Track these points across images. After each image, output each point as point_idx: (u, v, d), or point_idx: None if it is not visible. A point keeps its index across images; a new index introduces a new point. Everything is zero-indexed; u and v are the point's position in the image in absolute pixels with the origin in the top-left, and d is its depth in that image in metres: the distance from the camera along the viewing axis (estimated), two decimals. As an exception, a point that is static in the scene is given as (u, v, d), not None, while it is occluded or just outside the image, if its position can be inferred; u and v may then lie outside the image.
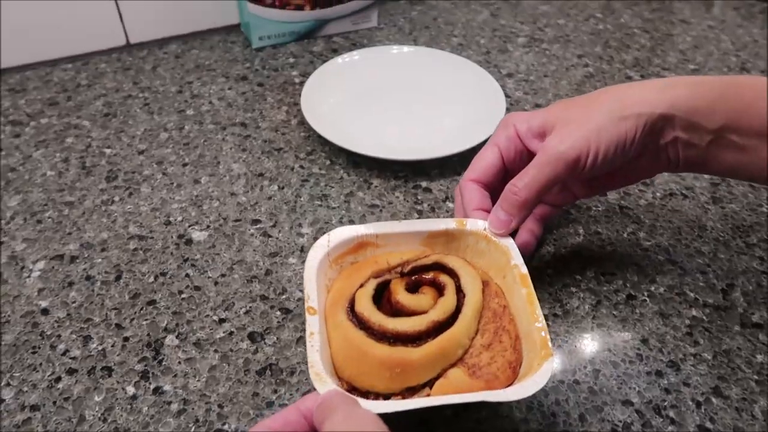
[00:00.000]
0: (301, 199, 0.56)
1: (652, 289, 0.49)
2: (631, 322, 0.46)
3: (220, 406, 0.40)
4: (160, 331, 0.45)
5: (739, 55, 0.76)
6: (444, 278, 0.41)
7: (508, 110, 0.65)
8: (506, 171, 0.45)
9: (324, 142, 0.60)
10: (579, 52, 0.77)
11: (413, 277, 0.42)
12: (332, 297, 0.41)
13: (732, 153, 0.42)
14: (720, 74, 0.73)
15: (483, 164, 0.45)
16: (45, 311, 0.46)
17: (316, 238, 0.47)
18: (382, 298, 0.41)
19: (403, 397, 0.37)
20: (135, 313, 0.46)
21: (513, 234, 0.43)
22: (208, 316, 0.46)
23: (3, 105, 0.66)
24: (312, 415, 0.31)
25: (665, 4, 0.87)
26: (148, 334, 0.45)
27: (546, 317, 0.46)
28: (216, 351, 0.44)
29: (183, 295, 0.47)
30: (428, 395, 0.37)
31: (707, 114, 0.41)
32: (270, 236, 0.52)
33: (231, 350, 0.44)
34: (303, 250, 0.51)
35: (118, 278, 0.49)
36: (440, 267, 0.42)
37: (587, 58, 0.76)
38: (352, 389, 0.37)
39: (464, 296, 0.40)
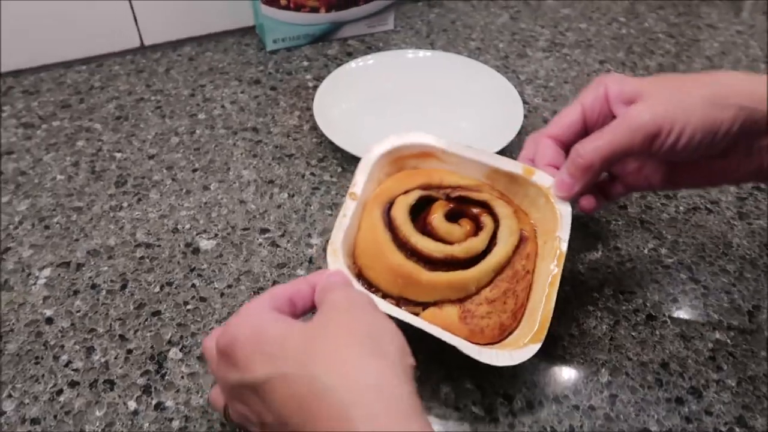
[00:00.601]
0: (311, 207, 0.54)
1: (674, 309, 0.47)
2: (651, 344, 0.44)
3: (222, 425, 0.39)
4: (164, 344, 0.44)
5: (769, 62, 0.74)
6: (486, 219, 0.42)
7: (526, 117, 0.63)
8: (586, 132, 0.42)
9: (336, 148, 0.59)
10: (601, 57, 0.75)
11: (458, 205, 0.43)
12: (378, 191, 0.44)
13: None
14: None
15: (563, 121, 0.43)
16: (49, 320, 0.45)
17: (325, 249, 0.45)
18: (423, 211, 0.43)
19: (397, 304, 0.40)
20: (139, 324, 0.45)
21: (575, 203, 0.43)
22: (213, 328, 0.45)
23: (16, 107, 0.66)
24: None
25: (692, 8, 0.84)
26: (152, 347, 0.44)
27: (561, 337, 0.44)
28: (220, 366, 0.42)
29: (188, 306, 0.46)
30: (417, 314, 0.39)
31: None
32: (278, 246, 0.51)
33: (235, 365, 0.42)
34: (311, 262, 0.50)
35: (123, 287, 0.48)
36: (487, 207, 0.43)
37: (609, 64, 0.73)
38: (360, 276, 0.41)
39: (495, 245, 0.41)
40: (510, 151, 0.60)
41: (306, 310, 0.35)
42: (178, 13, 0.73)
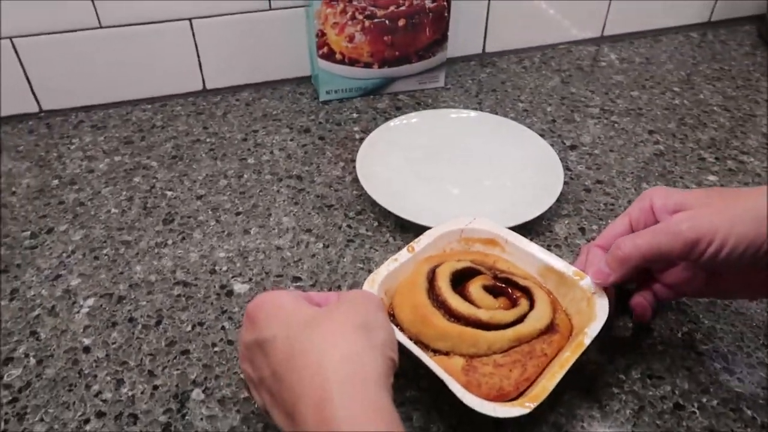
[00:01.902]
0: (344, 260, 0.56)
1: (704, 400, 0.45)
2: (676, 435, 0.43)
3: (233, 472, 0.40)
4: (189, 383, 0.45)
5: (830, 143, 0.71)
6: (522, 301, 0.45)
7: (567, 184, 0.63)
8: None
9: (374, 203, 0.61)
10: (651, 127, 0.74)
11: (500, 284, 0.47)
12: (436, 255, 0.49)
13: None
14: (806, 163, 0.68)
15: (611, 232, 0.46)
16: (87, 349, 0.48)
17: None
18: (467, 280, 0.46)
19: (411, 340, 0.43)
20: (168, 361, 0.47)
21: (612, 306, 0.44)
22: (236, 373, 0.46)
23: (84, 140, 0.71)
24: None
25: (751, 83, 0.83)
26: (177, 385, 0.45)
27: (582, 417, 0.43)
28: (238, 411, 0.44)
29: (216, 348, 0.48)
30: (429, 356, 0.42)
31: None
32: (308, 296, 0.52)
33: (252, 413, 0.44)
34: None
35: (158, 323, 0.50)
36: (529, 293, 0.46)
37: (659, 135, 0.72)
38: (390, 315, 0.45)
39: (521, 322, 0.43)
40: (548, 218, 0.60)
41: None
42: (239, 60, 0.78)
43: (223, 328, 0.50)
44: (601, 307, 0.44)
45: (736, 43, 0.92)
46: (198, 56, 0.76)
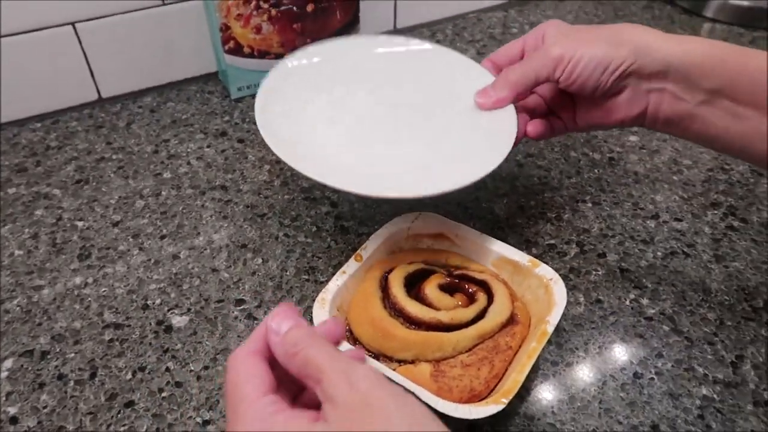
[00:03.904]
0: (287, 273, 0.53)
1: (659, 365, 0.46)
2: (640, 405, 0.44)
3: None
4: (140, 439, 0.42)
5: None
6: (480, 295, 0.45)
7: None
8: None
9: (309, 206, 0.58)
10: (569, 92, 0.75)
11: (456, 281, 0.46)
12: (383, 260, 0.47)
13: (723, 118, 0.43)
14: None
15: (506, 52, 0.52)
16: (14, 419, 0.43)
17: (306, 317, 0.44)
18: (421, 281, 0.46)
19: (375, 358, 0.42)
20: (111, 417, 0.43)
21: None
22: (191, 417, 0.43)
23: (-33, 173, 0.62)
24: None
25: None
26: (127, 443, 0.41)
27: (550, 404, 0.44)
28: (200, 461, 0.41)
29: (163, 394, 0.44)
30: (394, 370, 0.40)
31: (705, 73, 0.43)
32: (255, 318, 0.49)
33: (216, 460, 0.41)
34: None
35: (93, 376, 0.45)
36: (486, 287, 0.46)
37: (578, 99, 0.73)
38: (348, 331, 0.44)
39: (482, 318, 0.43)
40: (486, 200, 0.59)
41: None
42: (136, 63, 0.71)
43: (167, 369, 0.46)
44: (560, 293, 0.44)
45: (635, -2, 0.94)
46: (87, 63, 0.68)
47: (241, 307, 0.50)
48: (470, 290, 0.46)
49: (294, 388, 0.31)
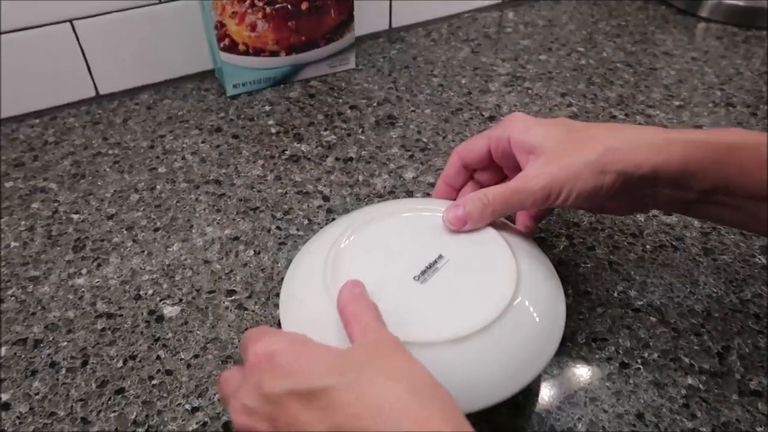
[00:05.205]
0: (279, 265, 0.53)
1: (646, 355, 0.47)
2: (626, 394, 0.44)
3: None
4: (129, 425, 0.42)
5: (723, 89, 0.75)
6: None
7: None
8: (491, 161, 0.49)
9: (301, 200, 0.58)
10: (562, 89, 0.75)
11: None
12: None
13: (721, 210, 0.43)
14: (705, 110, 0.71)
15: (471, 148, 0.49)
16: (6, 405, 0.43)
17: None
18: None
19: None
20: (102, 404, 0.43)
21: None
22: (180, 404, 0.43)
23: (-34, 167, 0.63)
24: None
25: (647, 36, 0.86)
26: (116, 429, 0.42)
27: (536, 391, 0.44)
28: (188, 446, 0.41)
29: (154, 381, 0.45)
30: None
31: (698, 177, 0.41)
32: (246, 309, 0.50)
33: (204, 445, 0.41)
34: (281, 326, 0.48)
35: (84, 364, 0.46)
36: None
37: (570, 97, 0.74)
38: None
39: None
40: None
41: None
42: (133, 60, 0.72)
43: (158, 358, 0.46)
44: None
45: (629, -2, 0.95)
46: (86, 60, 0.69)
47: (232, 298, 0.50)
48: None
49: None
